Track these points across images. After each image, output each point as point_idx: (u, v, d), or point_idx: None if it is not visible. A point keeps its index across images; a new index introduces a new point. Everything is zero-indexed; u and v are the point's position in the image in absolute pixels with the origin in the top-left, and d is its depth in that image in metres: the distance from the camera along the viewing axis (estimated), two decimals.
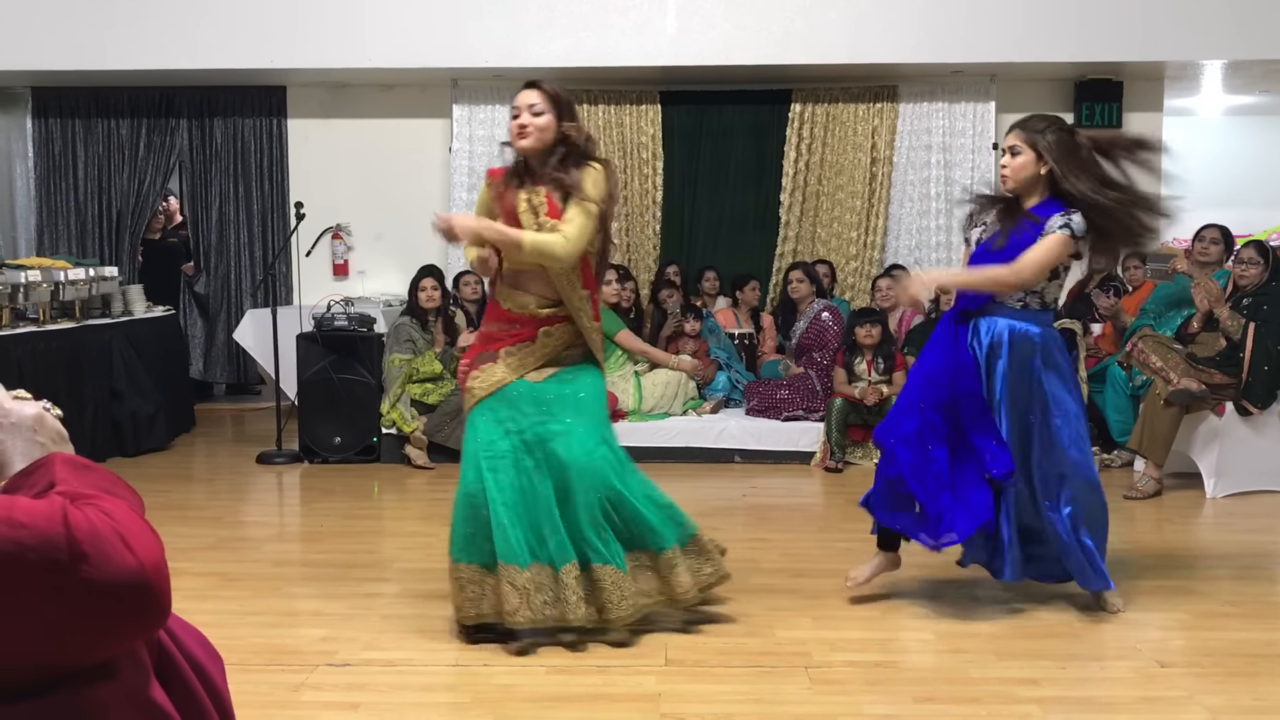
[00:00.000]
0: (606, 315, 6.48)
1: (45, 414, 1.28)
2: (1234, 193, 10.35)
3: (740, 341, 6.97)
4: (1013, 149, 3.52)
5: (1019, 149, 3.50)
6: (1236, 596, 3.83)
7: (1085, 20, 7.23)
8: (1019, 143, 3.51)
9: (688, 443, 6.23)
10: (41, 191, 8.18)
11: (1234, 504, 5.25)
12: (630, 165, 7.95)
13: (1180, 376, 5.26)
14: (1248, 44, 7.31)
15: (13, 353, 5.63)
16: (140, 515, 1.17)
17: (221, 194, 8.18)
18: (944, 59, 7.36)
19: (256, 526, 5.12)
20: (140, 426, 6.54)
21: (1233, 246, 5.98)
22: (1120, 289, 6.79)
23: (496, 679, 3.08)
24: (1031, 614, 3.60)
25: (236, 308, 8.16)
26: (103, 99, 8.10)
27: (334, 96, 8.03)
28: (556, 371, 3.44)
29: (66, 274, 6.22)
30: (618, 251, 7.90)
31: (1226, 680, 3.06)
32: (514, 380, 3.38)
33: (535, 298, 3.42)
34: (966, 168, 7.89)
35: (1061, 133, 3.48)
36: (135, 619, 1.10)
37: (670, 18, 7.33)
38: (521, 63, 7.40)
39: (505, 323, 3.44)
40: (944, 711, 2.87)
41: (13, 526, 1.01)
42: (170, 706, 1.22)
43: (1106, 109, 7.92)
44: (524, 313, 3.42)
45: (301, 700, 2.95)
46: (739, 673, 3.13)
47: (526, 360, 3.41)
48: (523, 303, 3.42)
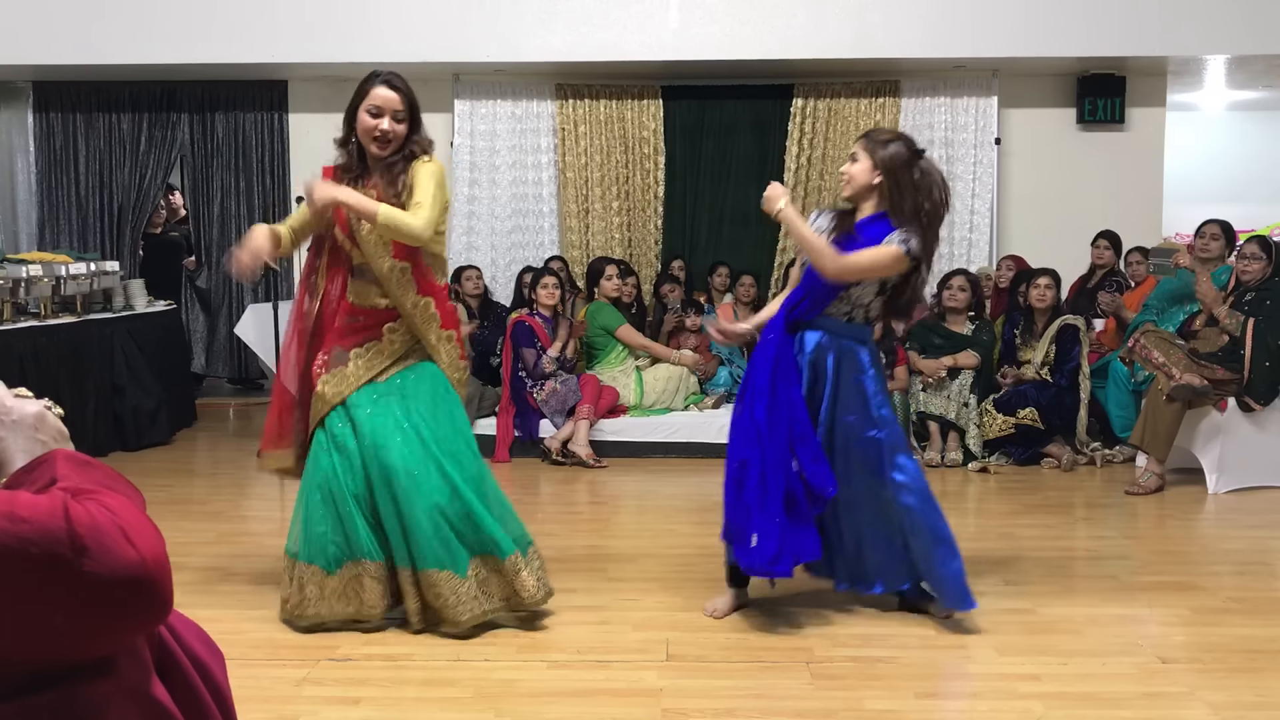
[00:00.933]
0: (608, 310, 6.49)
1: (46, 413, 1.28)
2: (1237, 188, 10.36)
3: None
4: (853, 156, 3.49)
5: (858, 156, 3.46)
6: (1238, 592, 3.83)
7: (1088, 15, 7.22)
8: (860, 150, 3.47)
9: (689, 438, 6.23)
10: (43, 186, 8.18)
11: (1236, 500, 5.24)
12: (632, 160, 7.94)
13: (1182, 372, 5.26)
14: (1251, 39, 7.29)
15: (14, 347, 5.63)
16: (142, 510, 1.17)
17: (223, 188, 8.18)
18: (946, 54, 7.35)
19: (258, 521, 5.12)
20: (142, 421, 6.54)
21: (1234, 242, 5.97)
22: (1122, 285, 6.79)
23: (497, 674, 3.08)
24: (1033, 610, 3.60)
25: (238, 302, 8.16)
26: (104, 93, 8.09)
27: (335, 91, 8.00)
28: (401, 369, 3.43)
29: (68, 268, 6.22)
30: (620, 247, 7.90)
31: (1228, 676, 3.06)
32: (360, 387, 3.38)
33: (377, 289, 3.43)
34: (969, 163, 7.89)
35: (902, 149, 3.41)
36: (137, 613, 1.10)
37: (672, 12, 7.32)
38: (523, 57, 7.39)
39: (350, 315, 3.45)
40: (945, 707, 2.87)
41: (14, 521, 1.01)
42: (171, 702, 1.22)
43: (1109, 104, 7.91)
44: (366, 305, 3.43)
45: (303, 695, 2.95)
46: (740, 668, 3.13)
47: (375, 361, 3.41)
48: (365, 294, 3.44)
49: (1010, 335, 6.23)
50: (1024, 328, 6.17)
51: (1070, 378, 5.95)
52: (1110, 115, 7.91)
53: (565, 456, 6.04)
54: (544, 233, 8.07)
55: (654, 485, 5.72)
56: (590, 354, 6.57)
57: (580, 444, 6.03)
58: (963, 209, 7.93)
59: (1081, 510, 5.18)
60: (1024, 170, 8.06)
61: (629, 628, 3.44)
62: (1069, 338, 5.98)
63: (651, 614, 3.57)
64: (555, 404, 6.13)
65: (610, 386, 6.29)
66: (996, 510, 5.11)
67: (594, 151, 7.93)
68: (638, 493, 5.61)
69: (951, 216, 7.92)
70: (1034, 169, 8.04)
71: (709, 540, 4.51)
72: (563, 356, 6.26)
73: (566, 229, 7.98)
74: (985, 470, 5.84)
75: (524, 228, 8.07)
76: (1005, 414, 5.89)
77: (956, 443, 6.01)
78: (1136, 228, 7.60)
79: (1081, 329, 6.01)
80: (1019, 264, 7.05)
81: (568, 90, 7.91)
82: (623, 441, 6.21)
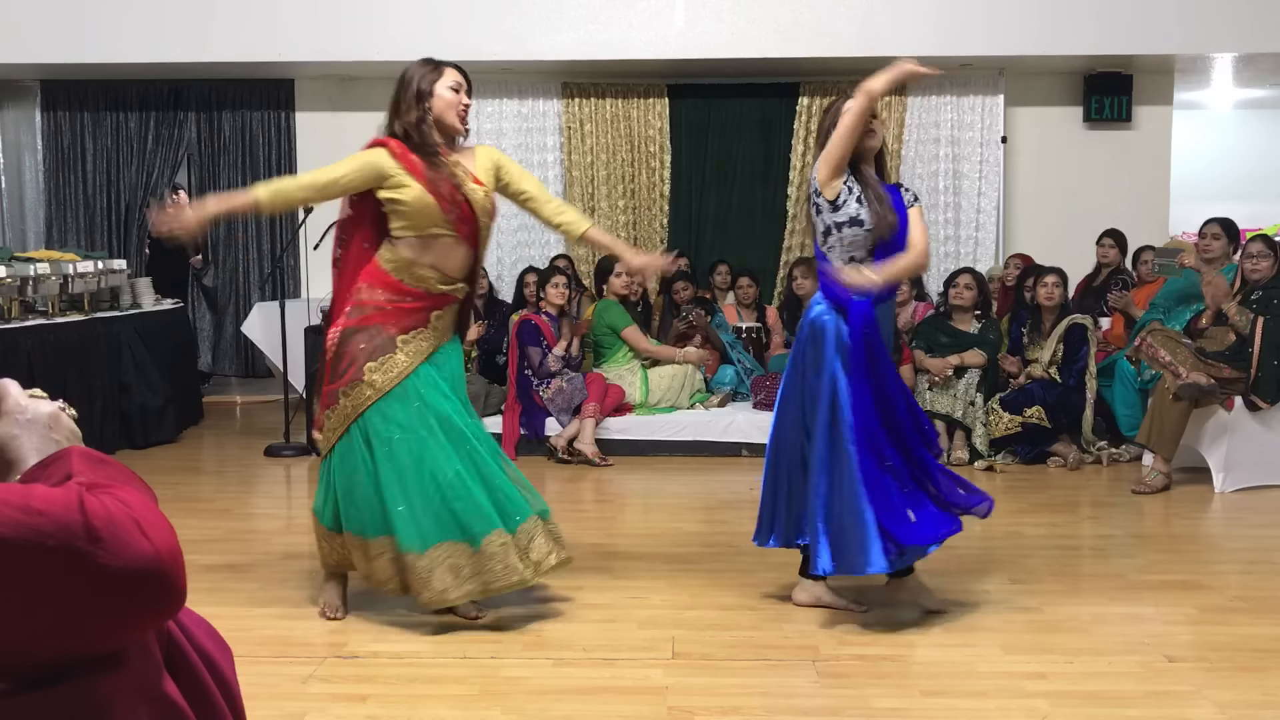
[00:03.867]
0: (615, 310, 6.49)
1: (61, 413, 1.29)
2: (1244, 186, 10.33)
3: (748, 335, 6.97)
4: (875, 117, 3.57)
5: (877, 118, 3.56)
6: (1245, 591, 3.82)
7: (1095, 13, 7.21)
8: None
9: (695, 436, 6.23)
10: (50, 184, 8.19)
11: (1242, 499, 5.23)
12: (638, 159, 7.94)
13: (1189, 370, 5.25)
14: (1258, 37, 7.28)
15: (22, 345, 5.64)
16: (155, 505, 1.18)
17: (230, 187, 8.18)
18: (953, 52, 7.34)
19: (265, 519, 5.13)
20: (149, 419, 6.55)
21: (1238, 240, 5.96)
22: (1128, 283, 6.78)
23: (504, 671, 3.09)
24: (1039, 608, 3.60)
25: (245, 300, 8.18)
26: (111, 92, 8.11)
27: (342, 90, 8.03)
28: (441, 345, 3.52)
29: (75, 267, 6.23)
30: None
31: (1234, 675, 3.05)
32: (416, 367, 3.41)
33: (436, 275, 3.43)
34: (975, 161, 7.88)
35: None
36: (151, 606, 1.11)
37: (678, 11, 7.32)
38: (529, 56, 7.40)
39: (397, 293, 3.42)
40: (951, 705, 2.87)
41: (30, 514, 1.02)
42: (181, 698, 1.23)
43: (1116, 102, 7.89)
44: (420, 286, 3.43)
45: (310, 692, 2.96)
46: (746, 666, 3.13)
47: (421, 347, 3.44)
48: (422, 277, 3.43)
49: (1017, 334, 6.22)
50: (1031, 326, 6.16)
51: (1078, 377, 5.94)
52: (1117, 114, 7.90)
53: (571, 455, 6.05)
54: (549, 231, 8.05)
55: (660, 483, 5.72)
56: (596, 352, 6.57)
57: (586, 442, 6.03)
58: (969, 207, 7.92)
59: (1088, 509, 5.18)
60: (1030, 169, 8.05)
61: (635, 625, 3.44)
62: (1077, 337, 5.97)
63: (657, 612, 3.57)
64: (561, 402, 6.13)
65: (616, 385, 6.29)
66: (1003, 509, 5.09)
67: (600, 150, 7.94)
68: (643, 491, 5.62)
69: (958, 215, 7.93)
70: (1040, 167, 8.03)
71: (715, 538, 4.52)
72: (568, 355, 6.27)
73: None
74: (991, 469, 5.83)
75: (529, 226, 8.07)
76: (1012, 413, 5.89)
77: (963, 441, 6.00)
78: (1143, 226, 7.58)
79: (1089, 328, 6.00)
80: (1026, 262, 7.05)
81: (574, 89, 7.92)
82: (628, 440, 6.21)
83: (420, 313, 3.44)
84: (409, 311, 3.43)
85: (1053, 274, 6.11)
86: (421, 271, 3.42)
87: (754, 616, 3.52)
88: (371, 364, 3.38)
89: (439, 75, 3.43)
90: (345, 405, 3.40)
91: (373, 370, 3.37)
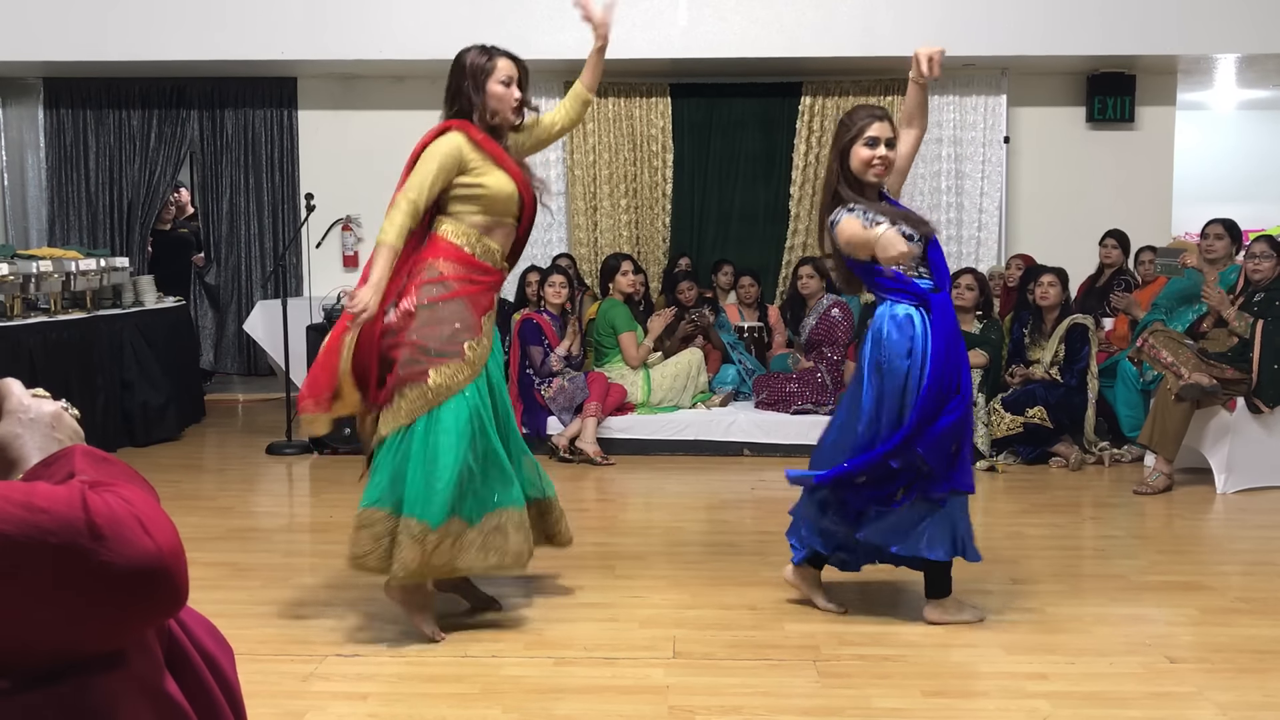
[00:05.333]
0: (619, 311, 6.48)
1: (63, 412, 1.29)
2: (1247, 187, 10.30)
3: (751, 335, 6.97)
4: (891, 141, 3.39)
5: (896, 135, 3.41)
6: (1246, 592, 3.82)
7: (1098, 13, 7.20)
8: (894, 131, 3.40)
9: (697, 435, 6.24)
10: (53, 182, 8.20)
11: (1244, 500, 5.23)
12: (640, 158, 7.94)
13: (1191, 371, 5.24)
14: (1261, 38, 7.27)
15: (24, 343, 5.65)
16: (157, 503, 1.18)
17: (232, 185, 8.20)
18: (955, 52, 7.28)
19: (266, 517, 5.14)
20: (151, 417, 6.56)
21: (1240, 241, 5.95)
22: (1131, 284, 6.78)
23: (505, 670, 3.09)
24: (1040, 609, 3.60)
25: (247, 299, 8.18)
26: (114, 90, 8.12)
27: (345, 88, 8.03)
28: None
29: (78, 264, 6.24)
30: (628, 244, 7.91)
31: (1236, 676, 3.05)
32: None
33: (501, 249, 3.44)
34: (977, 161, 7.87)
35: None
36: (153, 603, 1.11)
37: (681, 10, 7.32)
38: (532, 54, 7.29)
39: (480, 272, 3.39)
40: (952, 705, 2.86)
41: (33, 511, 1.02)
42: (181, 697, 1.23)
43: (1118, 103, 7.89)
44: (488, 261, 3.41)
45: (310, 690, 2.96)
46: (747, 665, 3.13)
47: (488, 325, 3.43)
48: (490, 253, 3.41)
49: (1019, 334, 6.22)
50: (1033, 326, 6.15)
51: (1079, 377, 5.94)
52: (1120, 114, 7.89)
53: (573, 454, 6.05)
54: (552, 230, 8.07)
55: (661, 483, 5.72)
56: (599, 351, 6.57)
57: (588, 441, 6.04)
58: (971, 208, 7.92)
59: (1089, 510, 5.18)
60: (1033, 169, 8.04)
61: (636, 624, 3.44)
62: (1078, 337, 5.96)
63: (659, 611, 3.57)
64: (563, 401, 6.13)
65: (618, 384, 6.29)
66: (1004, 509, 5.10)
67: (602, 149, 7.94)
68: (645, 490, 5.62)
69: (960, 215, 7.92)
70: (1043, 168, 8.03)
71: (716, 538, 4.52)
72: (570, 354, 6.27)
73: (575, 226, 7.99)
74: (993, 469, 5.83)
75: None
76: (1013, 413, 5.88)
77: None
78: (1146, 227, 7.58)
79: (1090, 328, 6.00)
80: (1027, 262, 7.04)
81: None
82: (630, 439, 6.21)
83: (490, 291, 3.42)
84: (485, 288, 3.40)
85: (1049, 274, 6.10)
86: (491, 243, 3.40)
87: (755, 616, 3.52)
88: (471, 342, 3.31)
89: (489, 71, 3.39)
90: (439, 383, 3.22)
91: (471, 348, 3.31)
